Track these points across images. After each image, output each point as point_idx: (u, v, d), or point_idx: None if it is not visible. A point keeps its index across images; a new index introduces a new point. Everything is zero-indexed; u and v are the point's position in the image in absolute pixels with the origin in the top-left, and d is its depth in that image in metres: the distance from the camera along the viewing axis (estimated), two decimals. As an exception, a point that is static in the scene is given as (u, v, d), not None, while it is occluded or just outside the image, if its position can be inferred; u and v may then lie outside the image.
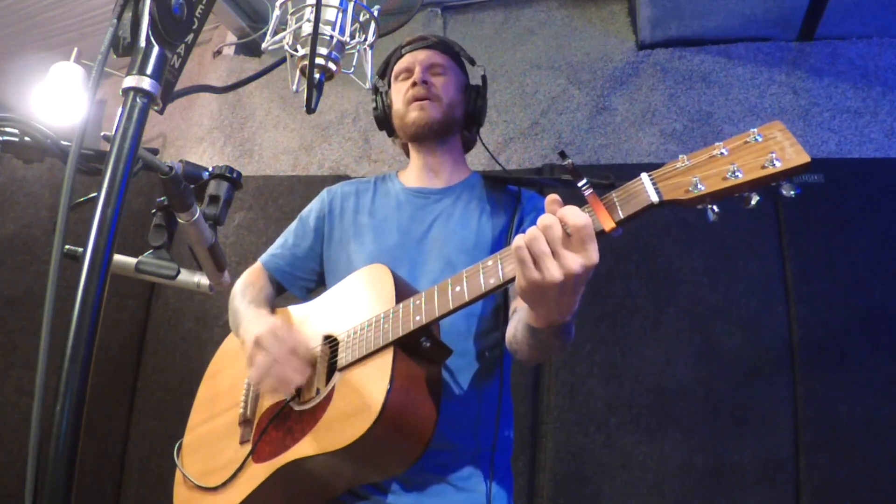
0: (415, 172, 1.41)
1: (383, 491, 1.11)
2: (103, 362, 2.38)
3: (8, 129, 0.70)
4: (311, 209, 1.44)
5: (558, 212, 0.80)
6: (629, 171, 2.26)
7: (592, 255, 0.78)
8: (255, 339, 1.07)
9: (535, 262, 0.80)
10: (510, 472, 1.23)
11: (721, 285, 2.07)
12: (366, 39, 0.86)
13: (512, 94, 2.74)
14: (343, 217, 1.38)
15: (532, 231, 0.80)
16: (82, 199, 0.75)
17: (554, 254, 0.79)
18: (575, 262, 0.78)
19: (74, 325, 0.47)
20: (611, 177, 0.91)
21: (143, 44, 0.57)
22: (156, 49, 0.57)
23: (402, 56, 1.42)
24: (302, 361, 1.06)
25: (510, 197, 1.34)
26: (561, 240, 0.79)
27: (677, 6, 2.45)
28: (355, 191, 1.43)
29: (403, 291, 1.07)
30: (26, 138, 0.70)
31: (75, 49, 2.47)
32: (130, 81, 0.55)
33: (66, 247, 0.72)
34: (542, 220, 0.80)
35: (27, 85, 2.58)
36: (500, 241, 1.26)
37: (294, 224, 1.44)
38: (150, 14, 0.57)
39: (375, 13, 0.86)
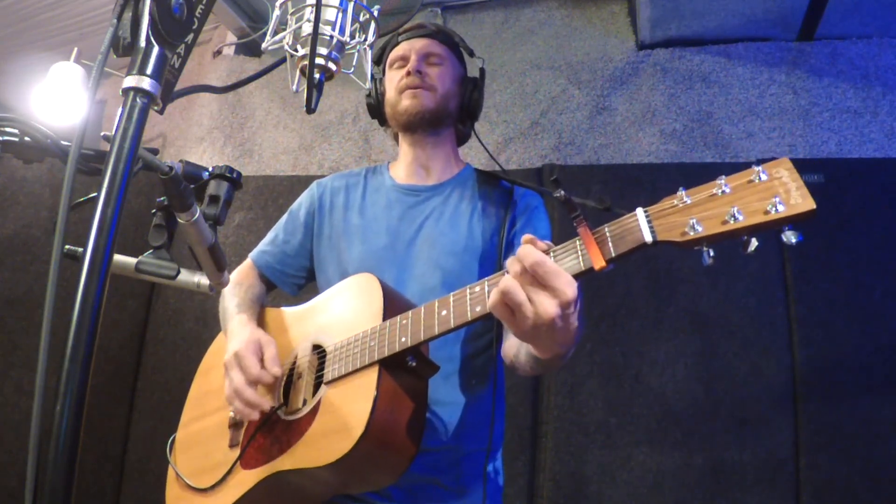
0: (405, 166, 1.38)
1: (377, 492, 1.11)
2: (103, 362, 2.38)
3: (8, 129, 0.70)
4: (301, 204, 1.42)
5: (519, 252, 0.78)
6: (629, 172, 2.27)
7: (564, 292, 0.75)
8: (234, 354, 1.09)
9: (513, 314, 0.78)
10: (502, 472, 1.24)
11: (721, 285, 2.07)
12: (366, 39, 0.86)
13: (512, 94, 2.74)
14: (333, 213, 1.36)
15: (506, 283, 0.78)
16: (82, 199, 0.75)
17: (530, 300, 0.77)
18: (550, 304, 0.76)
19: (74, 325, 0.47)
20: (606, 201, 0.87)
21: (143, 44, 0.57)
22: (156, 49, 0.57)
23: (398, 43, 1.38)
24: (260, 394, 1.07)
25: (503, 194, 1.31)
26: (531, 284, 0.77)
27: (677, 6, 2.45)
28: (345, 185, 1.40)
29: (392, 305, 1.06)
30: (26, 138, 0.70)
31: (75, 49, 2.47)
32: (130, 81, 0.55)
33: (66, 247, 0.72)
34: (512, 267, 0.78)
35: (27, 85, 2.58)
36: (492, 244, 1.24)
37: (284, 219, 1.42)
38: (150, 14, 0.57)
39: (375, 13, 0.86)
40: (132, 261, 0.78)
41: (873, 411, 1.86)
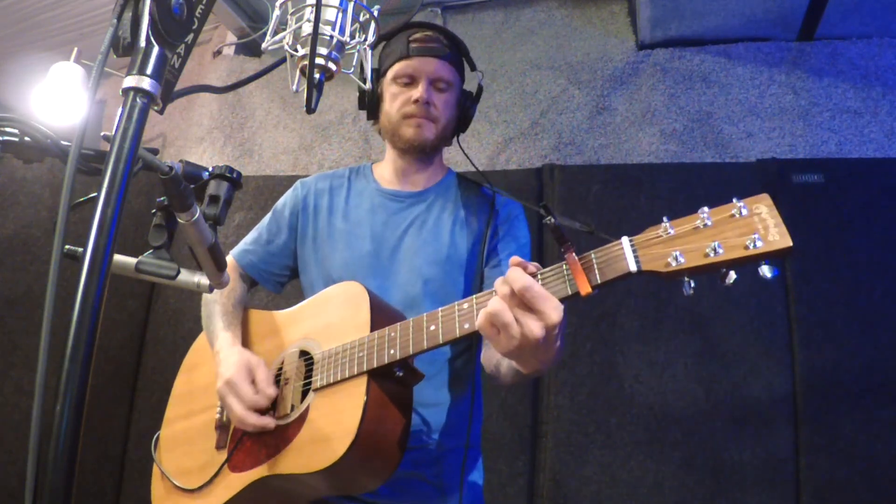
0: (390, 172, 1.39)
1: None
2: (103, 362, 2.38)
3: (8, 129, 0.70)
4: (285, 203, 1.41)
5: (508, 275, 0.82)
6: (629, 172, 2.27)
7: (550, 315, 0.79)
8: (226, 382, 1.11)
9: (500, 334, 0.82)
10: (481, 467, 1.27)
11: (721, 285, 2.06)
12: (366, 39, 0.86)
13: (512, 94, 2.74)
14: (317, 216, 1.36)
15: (495, 305, 0.82)
16: (82, 199, 0.75)
17: (517, 321, 0.81)
18: (536, 326, 0.79)
19: (74, 325, 0.47)
20: (591, 225, 0.90)
21: (143, 44, 0.57)
22: (156, 49, 0.57)
23: (408, 56, 1.29)
24: (258, 415, 1.09)
25: (484, 202, 1.33)
26: (518, 306, 0.81)
27: (677, 6, 2.45)
28: (329, 187, 1.40)
29: (379, 316, 1.07)
30: (26, 138, 0.70)
31: (75, 49, 2.46)
32: (130, 81, 0.55)
33: (66, 247, 0.72)
34: (501, 289, 0.82)
35: (27, 85, 2.58)
36: (473, 253, 1.26)
37: (268, 218, 1.42)
38: (150, 14, 0.57)
39: (375, 13, 0.86)
40: (132, 261, 0.78)
41: (873, 411, 1.86)
